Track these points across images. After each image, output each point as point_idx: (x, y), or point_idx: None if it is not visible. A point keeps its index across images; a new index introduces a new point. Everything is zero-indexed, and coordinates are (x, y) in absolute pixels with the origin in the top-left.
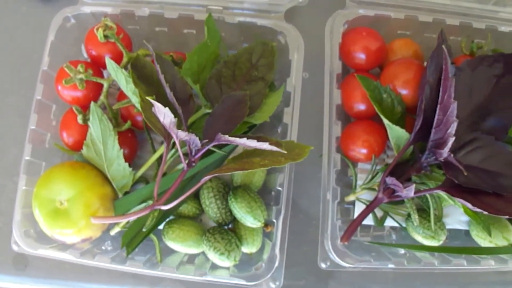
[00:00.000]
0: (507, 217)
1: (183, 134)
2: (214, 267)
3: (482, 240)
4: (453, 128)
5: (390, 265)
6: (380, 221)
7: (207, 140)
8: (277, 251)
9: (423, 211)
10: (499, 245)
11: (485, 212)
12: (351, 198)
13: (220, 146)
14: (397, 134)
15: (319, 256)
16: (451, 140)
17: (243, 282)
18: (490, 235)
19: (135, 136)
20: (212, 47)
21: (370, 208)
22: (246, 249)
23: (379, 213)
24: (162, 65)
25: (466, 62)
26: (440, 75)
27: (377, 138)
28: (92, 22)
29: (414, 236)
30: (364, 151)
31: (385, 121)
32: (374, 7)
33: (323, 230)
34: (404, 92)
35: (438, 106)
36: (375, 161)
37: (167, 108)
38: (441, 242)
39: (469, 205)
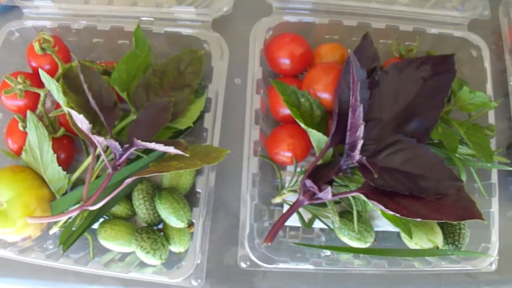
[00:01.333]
0: (421, 219)
1: (101, 139)
2: (144, 265)
3: (409, 242)
4: (360, 131)
5: (309, 266)
6: (308, 223)
7: (127, 145)
8: (197, 250)
9: (349, 213)
10: (424, 247)
11: (397, 215)
12: (277, 200)
13: (150, 151)
14: (317, 137)
15: (238, 256)
16: (360, 143)
17: (166, 279)
18: (410, 237)
19: (72, 142)
20: (142, 56)
21: (291, 210)
22: (174, 248)
23: (308, 215)
24: (89, 75)
25: (392, 65)
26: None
27: (301, 142)
28: (35, 35)
29: (341, 238)
30: (288, 154)
31: (302, 125)
32: (298, 14)
33: (243, 231)
34: (324, 96)
35: (350, 109)
36: (297, 164)
37: (81, 115)
38: (368, 244)
39: (382, 207)
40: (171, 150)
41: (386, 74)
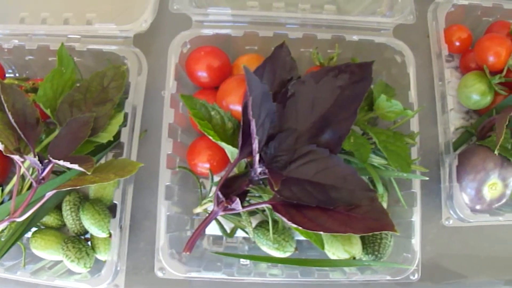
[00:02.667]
0: (323, 232)
1: (17, 157)
2: (72, 272)
3: (328, 252)
4: (256, 145)
5: (221, 276)
6: (230, 233)
7: (47, 160)
8: (115, 258)
9: (268, 223)
10: (341, 257)
11: (300, 228)
12: (198, 210)
13: None
14: (229, 149)
15: (155, 266)
16: (256, 156)
17: (88, 286)
18: (322, 248)
19: (5, 157)
20: (68, 73)
21: (206, 221)
22: (100, 256)
23: (231, 224)
24: (12, 93)
25: (310, 74)
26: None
27: (218, 153)
28: None
29: (260, 247)
30: (206, 165)
31: (212, 138)
32: (216, 27)
33: (158, 241)
34: (236, 108)
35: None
36: (213, 176)
37: None
38: (288, 254)
39: (285, 220)
40: (75, 167)
41: (303, 84)
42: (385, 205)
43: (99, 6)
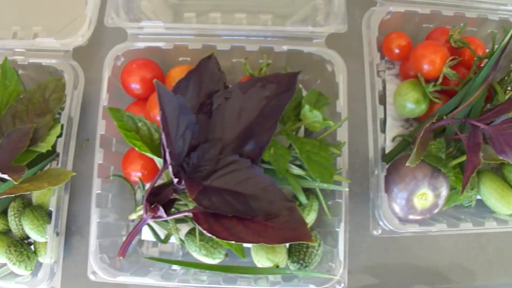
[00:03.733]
0: (235, 242)
1: None
2: (16, 275)
3: (254, 260)
4: (168, 157)
5: (149, 280)
6: (164, 239)
7: None
8: (50, 261)
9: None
10: (265, 265)
11: (215, 237)
12: (133, 216)
13: None
14: (157, 159)
15: (88, 269)
16: (170, 168)
17: (26, 287)
18: (242, 256)
19: None
20: (12, 86)
21: (136, 228)
22: (42, 260)
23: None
24: None
25: (237, 85)
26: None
27: (150, 162)
28: None
29: (191, 253)
30: (139, 174)
31: (137, 149)
32: (150, 40)
33: (91, 246)
34: None
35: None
36: (143, 184)
37: None
38: (217, 260)
39: (201, 229)
40: (5, 176)
41: (230, 94)
42: (314, 214)
43: (45, 20)
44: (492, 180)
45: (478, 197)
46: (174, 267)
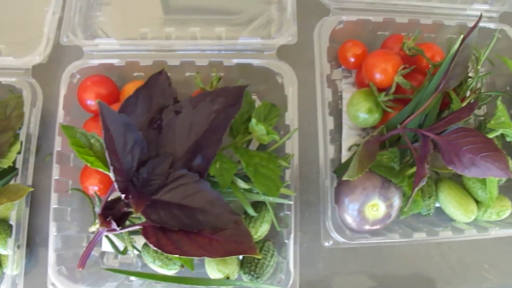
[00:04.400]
0: (179, 255)
1: None
2: None
3: (207, 270)
4: (112, 174)
5: None
6: (123, 250)
7: None
8: (10, 273)
9: None
10: (215, 276)
11: (160, 250)
12: (92, 229)
13: None
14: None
15: (47, 281)
16: (116, 184)
17: None
18: (191, 268)
19: None
20: None
21: (93, 240)
22: (8, 271)
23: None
24: None
25: (187, 100)
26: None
27: (106, 177)
28: None
29: (148, 264)
30: (95, 188)
31: (89, 165)
32: (102, 57)
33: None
34: None
35: None
36: (99, 198)
37: None
38: (172, 271)
39: (148, 243)
40: None
41: (180, 109)
42: (267, 225)
43: (5, 38)
44: (450, 188)
45: (438, 205)
46: (132, 278)
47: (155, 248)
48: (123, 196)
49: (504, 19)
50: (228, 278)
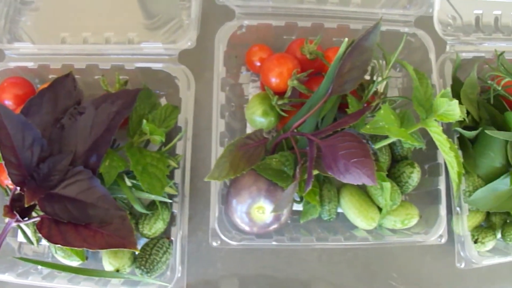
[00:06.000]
0: (62, 245)
1: None
2: None
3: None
4: (5, 167)
5: (8, 277)
6: (33, 241)
7: None
8: None
9: None
10: (107, 269)
11: (48, 240)
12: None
13: None
14: None
15: None
16: (10, 177)
17: None
18: (82, 259)
19: None
20: None
21: (4, 230)
22: None
23: None
24: None
25: (90, 101)
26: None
27: None
28: None
29: (54, 255)
30: (8, 181)
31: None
32: (18, 60)
33: None
34: None
35: None
36: (7, 190)
37: None
38: (76, 262)
39: (40, 234)
40: None
41: (84, 110)
42: (162, 223)
43: None
44: (352, 194)
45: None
46: (39, 266)
47: (44, 239)
48: (18, 188)
49: (420, 24)
50: (118, 271)
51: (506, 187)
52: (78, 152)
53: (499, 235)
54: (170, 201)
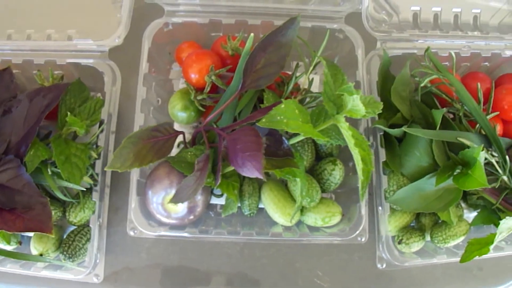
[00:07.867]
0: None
1: None
2: None
3: None
4: None
5: None
6: None
7: None
8: None
9: None
10: (33, 253)
11: None
12: None
13: None
14: None
15: None
16: None
17: None
18: (7, 242)
19: None
20: None
21: None
22: None
23: None
24: None
25: (26, 94)
26: None
27: None
28: None
29: None
30: None
31: None
32: None
33: None
34: None
35: None
36: None
37: None
38: (13, 246)
39: None
40: None
41: (19, 102)
42: (88, 212)
43: None
44: (271, 190)
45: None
46: None
47: None
48: None
49: (352, 21)
50: (41, 255)
51: (432, 187)
52: (12, 142)
53: (428, 237)
54: (83, 189)
